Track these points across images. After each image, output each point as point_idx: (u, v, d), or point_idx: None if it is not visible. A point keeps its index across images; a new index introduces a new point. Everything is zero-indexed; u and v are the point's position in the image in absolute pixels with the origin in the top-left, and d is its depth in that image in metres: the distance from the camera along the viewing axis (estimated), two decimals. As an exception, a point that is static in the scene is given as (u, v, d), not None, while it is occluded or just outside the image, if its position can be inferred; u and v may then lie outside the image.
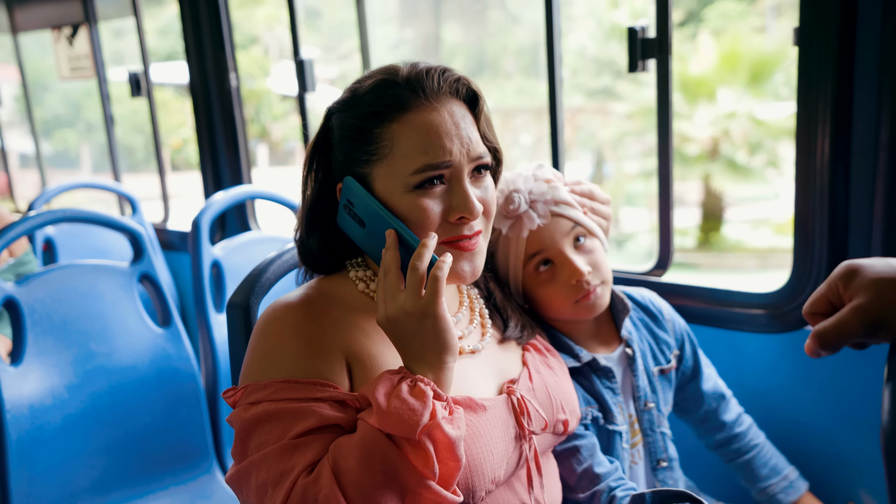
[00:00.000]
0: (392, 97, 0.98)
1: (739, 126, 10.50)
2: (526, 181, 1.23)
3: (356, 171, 1.01)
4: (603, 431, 1.27)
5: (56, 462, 1.70)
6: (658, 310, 1.42)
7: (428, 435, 0.86)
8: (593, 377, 1.28)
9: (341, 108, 1.02)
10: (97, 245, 3.04)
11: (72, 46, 3.40)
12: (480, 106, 1.05)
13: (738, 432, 1.45)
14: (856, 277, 0.76)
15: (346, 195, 1.01)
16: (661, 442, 1.34)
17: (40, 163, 4.40)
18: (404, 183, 0.97)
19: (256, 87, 15.55)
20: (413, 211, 0.97)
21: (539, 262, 1.23)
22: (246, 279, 1.24)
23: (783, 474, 1.43)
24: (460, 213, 0.99)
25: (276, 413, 0.91)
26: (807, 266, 1.57)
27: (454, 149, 0.98)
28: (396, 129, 0.97)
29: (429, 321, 0.90)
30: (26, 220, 1.78)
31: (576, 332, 1.32)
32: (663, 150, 1.76)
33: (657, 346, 1.38)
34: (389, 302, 0.92)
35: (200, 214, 2.14)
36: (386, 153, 0.98)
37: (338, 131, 1.02)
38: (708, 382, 1.44)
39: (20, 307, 1.71)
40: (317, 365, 0.94)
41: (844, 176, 1.50)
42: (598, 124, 12.99)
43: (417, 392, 0.88)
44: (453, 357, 0.93)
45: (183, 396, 1.92)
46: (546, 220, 1.21)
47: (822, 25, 1.44)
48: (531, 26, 13.48)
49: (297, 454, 0.88)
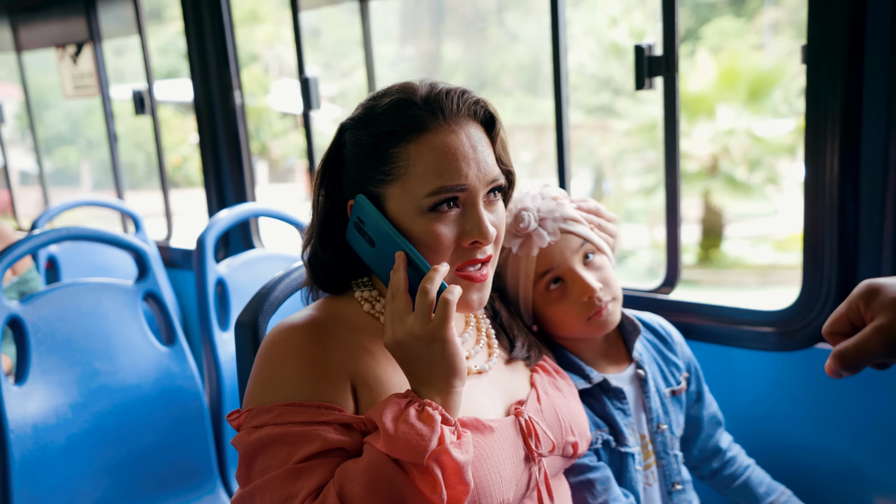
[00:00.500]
0: (410, 117, 0.96)
1: (738, 143, 10.54)
2: (534, 199, 1.23)
3: (369, 189, 0.99)
4: (615, 454, 1.25)
5: (60, 482, 1.68)
6: (668, 333, 1.41)
7: (436, 460, 0.85)
8: (604, 398, 1.26)
9: (357, 124, 1.01)
10: (101, 263, 3.03)
11: (76, 65, 3.41)
12: (497, 129, 1.04)
13: (730, 457, 1.46)
14: (877, 297, 0.75)
15: (356, 213, 1.00)
16: (674, 465, 1.32)
17: (42, 180, 4.40)
18: (418, 205, 0.96)
19: (256, 105, 15.63)
20: (426, 235, 0.96)
21: (549, 280, 1.22)
22: (254, 298, 1.23)
23: (780, 490, 1.44)
24: (474, 238, 0.97)
25: (280, 437, 0.89)
26: (816, 284, 1.57)
27: (470, 173, 0.96)
28: (413, 150, 0.96)
29: (437, 345, 0.89)
30: (31, 238, 1.78)
31: (586, 352, 1.30)
32: (671, 167, 1.76)
33: (667, 367, 1.37)
34: (398, 325, 0.91)
35: (205, 232, 2.13)
36: (401, 174, 0.96)
37: (352, 148, 1.01)
38: (709, 409, 1.44)
39: (24, 326, 1.70)
40: (321, 388, 0.93)
41: (854, 193, 1.49)
42: (597, 141, 13.04)
43: (425, 417, 0.87)
44: (461, 381, 0.92)
45: (187, 415, 1.91)
46: (556, 237, 1.21)
47: (830, 42, 1.44)
48: (530, 44, 13.57)
49: (301, 479, 0.87)
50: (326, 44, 15.80)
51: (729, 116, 10.65)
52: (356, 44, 2.57)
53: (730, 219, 11.42)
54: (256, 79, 15.71)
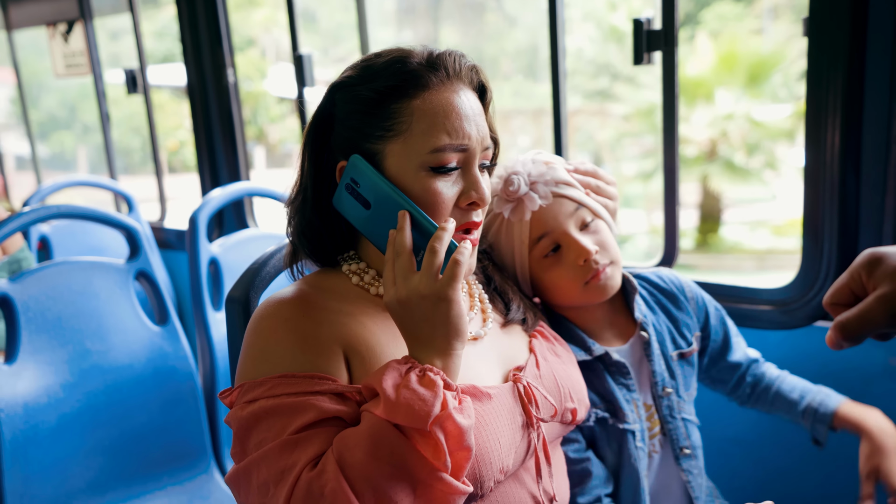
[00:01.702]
0: (413, 73, 0.95)
1: (737, 127, 10.52)
2: (525, 164, 1.21)
3: (365, 147, 0.97)
4: (614, 431, 1.23)
5: (51, 462, 1.66)
6: (679, 287, 1.36)
7: (439, 426, 0.83)
8: (604, 373, 1.24)
9: (354, 80, 0.98)
10: (93, 243, 3.01)
11: (67, 43, 3.37)
12: (489, 97, 1.04)
13: (760, 373, 1.41)
14: (880, 266, 0.73)
15: (350, 174, 0.96)
16: (682, 429, 1.28)
17: (36, 164, 4.37)
18: (420, 162, 0.94)
19: (254, 90, 15.54)
20: (426, 193, 0.95)
21: (545, 245, 1.19)
22: (245, 273, 1.21)
23: (815, 390, 1.36)
24: (472, 199, 0.97)
25: (274, 409, 0.88)
26: (816, 261, 1.55)
27: (472, 133, 0.96)
28: (417, 106, 0.94)
29: (444, 305, 0.87)
30: (20, 215, 1.75)
31: (589, 322, 1.27)
32: (669, 144, 1.74)
33: (676, 329, 1.33)
34: (401, 283, 0.89)
35: (198, 211, 2.11)
36: (403, 129, 0.95)
37: (347, 105, 0.98)
38: (737, 353, 1.41)
39: (14, 304, 1.68)
40: (313, 359, 0.91)
41: (855, 170, 1.47)
42: (595, 126, 13.00)
43: (427, 382, 0.85)
44: (462, 344, 0.90)
45: (180, 395, 1.89)
46: (547, 200, 1.18)
47: (832, 15, 1.42)
48: (528, 28, 13.49)
49: (298, 449, 0.85)
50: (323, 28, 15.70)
51: (728, 101, 10.62)
52: (353, 28, 2.53)
53: (728, 204, 11.41)
54: (253, 63, 15.60)
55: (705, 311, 1.38)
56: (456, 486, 0.84)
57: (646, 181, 11.47)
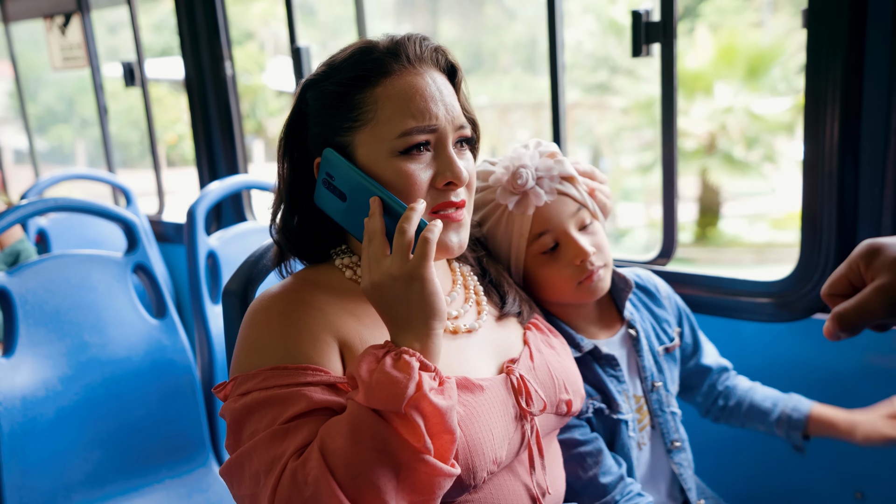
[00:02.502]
0: (374, 62, 0.96)
1: (736, 121, 10.50)
2: (532, 157, 1.21)
3: (336, 141, 0.98)
4: (608, 421, 1.24)
5: (49, 455, 1.66)
6: (654, 286, 1.39)
7: (415, 407, 0.82)
8: (595, 366, 1.25)
9: (319, 77, 1.00)
10: (91, 236, 3.01)
11: (64, 36, 3.35)
12: (459, 77, 1.04)
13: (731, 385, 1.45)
14: (878, 257, 0.73)
15: (324, 168, 0.97)
16: (672, 422, 1.31)
17: (34, 157, 4.36)
18: (390, 148, 0.95)
19: (252, 83, 15.49)
20: (399, 177, 0.95)
21: (544, 242, 1.20)
22: (242, 266, 1.21)
23: (786, 398, 1.40)
24: (447, 179, 0.97)
25: (266, 400, 0.88)
26: (814, 253, 1.55)
27: (440, 113, 0.96)
28: (380, 93, 0.95)
29: (416, 284, 0.87)
30: (17, 208, 1.75)
31: (576, 318, 1.29)
32: (667, 136, 1.74)
33: (658, 325, 1.36)
34: (374, 267, 0.89)
35: (196, 204, 2.10)
36: (369, 118, 0.96)
37: (315, 103, 1.00)
38: (708, 357, 1.44)
39: (12, 297, 1.67)
40: (306, 350, 0.92)
41: (853, 161, 1.47)
42: (594, 119, 12.98)
43: (402, 364, 0.84)
44: (441, 323, 0.90)
45: (178, 388, 1.89)
46: (552, 196, 1.19)
47: (832, 6, 1.41)
48: (528, 22, 13.45)
49: (287, 439, 0.85)
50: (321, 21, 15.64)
51: (727, 94, 10.60)
52: (351, 21, 2.51)
53: (727, 197, 11.41)
54: (252, 56, 15.56)
55: (678, 310, 1.41)
56: (440, 468, 0.84)
57: (644, 174, 11.45)
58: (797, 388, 1.63)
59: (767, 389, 1.43)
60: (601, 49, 12.45)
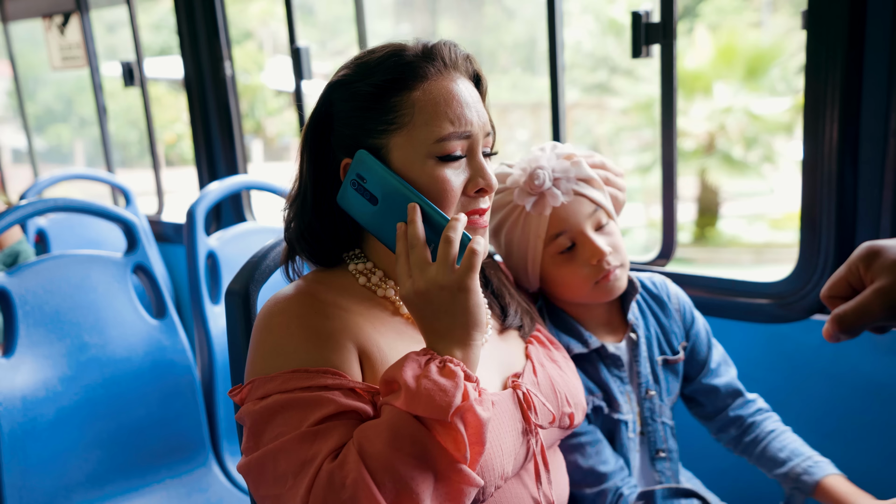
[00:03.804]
0: (410, 65, 0.95)
1: (735, 121, 10.50)
2: (549, 159, 1.22)
3: (368, 142, 0.96)
4: (608, 420, 1.25)
5: (49, 455, 1.66)
6: (667, 295, 1.37)
7: (460, 417, 0.82)
8: (600, 365, 1.26)
9: (351, 77, 0.98)
10: (91, 237, 3.01)
11: (63, 35, 3.35)
12: (484, 86, 1.04)
13: (750, 422, 1.36)
14: (877, 259, 0.73)
15: (356, 170, 0.96)
16: (661, 432, 1.30)
17: (32, 157, 4.35)
18: (427, 152, 0.94)
19: (251, 83, 15.48)
20: (434, 182, 0.94)
21: (561, 243, 1.21)
22: (245, 266, 1.21)
23: (805, 455, 1.29)
24: (479, 185, 0.97)
25: (289, 403, 0.87)
26: (814, 255, 1.55)
27: (474, 120, 0.96)
28: (418, 97, 0.94)
29: (463, 295, 0.87)
30: (17, 209, 1.75)
31: (587, 318, 1.30)
32: (667, 137, 1.74)
33: (664, 335, 1.34)
34: (418, 275, 0.88)
35: (195, 204, 2.10)
36: (406, 121, 0.94)
37: (346, 104, 0.97)
38: (723, 378, 1.37)
39: (12, 298, 1.67)
40: (326, 354, 0.91)
41: (853, 162, 1.47)
42: (594, 120, 12.98)
43: (448, 372, 0.84)
44: (481, 334, 0.90)
45: (178, 389, 1.89)
46: (569, 197, 1.20)
47: (831, 7, 1.41)
48: (527, 21, 13.45)
49: (318, 441, 0.84)
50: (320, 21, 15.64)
51: (726, 94, 10.59)
52: (350, 21, 2.51)
53: (726, 197, 11.41)
54: (251, 56, 15.55)
55: (692, 325, 1.37)
56: (473, 478, 0.84)
57: (644, 175, 11.45)
58: (797, 389, 1.63)
59: (791, 437, 1.33)
60: (600, 49, 12.45)
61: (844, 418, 1.59)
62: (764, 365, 1.66)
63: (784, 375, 1.64)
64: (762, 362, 1.67)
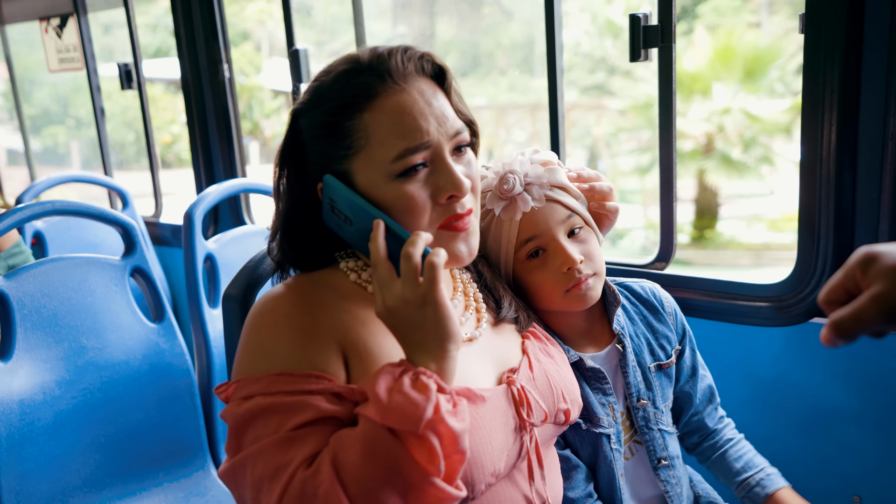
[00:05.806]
0: (359, 86, 0.95)
1: (734, 122, 10.51)
2: (522, 164, 1.21)
3: (334, 168, 0.98)
4: (589, 435, 1.24)
5: (47, 459, 1.66)
6: (660, 301, 1.36)
7: (432, 429, 0.83)
8: (580, 380, 1.24)
9: (308, 106, 0.99)
10: (88, 240, 3.00)
11: (60, 38, 3.35)
12: (449, 80, 1.02)
13: (714, 428, 1.39)
14: (874, 264, 0.74)
15: (327, 194, 0.98)
16: (659, 440, 1.28)
17: (29, 158, 4.35)
18: (386, 172, 0.95)
19: (248, 83, 15.46)
20: (398, 200, 0.95)
21: (531, 248, 1.20)
22: (242, 270, 1.21)
23: (760, 468, 1.34)
24: (449, 192, 0.96)
25: (271, 407, 0.88)
26: (812, 258, 1.55)
27: (430, 128, 0.95)
28: (369, 118, 0.94)
29: (429, 308, 0.87)
30: (14, 212, 1.74)
31: (566, 328, 1.28)
32: (666, 141, 1.74)
33: (656, 340, 1.32)
34: (386, 292, 0.89)
35: (193, 207, 2.10)
36: (362, 144, 0.95)
37: (308, 132, 0.99)
38: (702, 384, 1.38)
39: (9, 301, 1.67)
40: (311, 356, 0.92)
41: (851, 166, 1.47)
42: (592, 121, 12.99)
43: (420, 386, 0.85)
44: (456, 345, 0.90)
45: (176, 392, 1.89)
46: (540, 203, 1.18)
47: (830, 11, 1.41)
48: (525, 22, 13.45)
49: (294, 447, 0.85)
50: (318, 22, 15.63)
51: (725, 95, 10.61)
52: (348, 22, 2.51)
53: (724, 199, 11.41)
54: (248, 57, 15.53)
55: (683, 331, 1.37)
56: (448, 492, 0.84)
57: (642, 176, 11.47)
58: (796, 391, 1.63)
59: (746, 448, 1.38)
60: (598, 50, 12.45)
61: (843, 421, 1.59)
62: (762, 368, 1.67)
63: (783, 379, 1.64)
64: (760, 365, 1.67)
